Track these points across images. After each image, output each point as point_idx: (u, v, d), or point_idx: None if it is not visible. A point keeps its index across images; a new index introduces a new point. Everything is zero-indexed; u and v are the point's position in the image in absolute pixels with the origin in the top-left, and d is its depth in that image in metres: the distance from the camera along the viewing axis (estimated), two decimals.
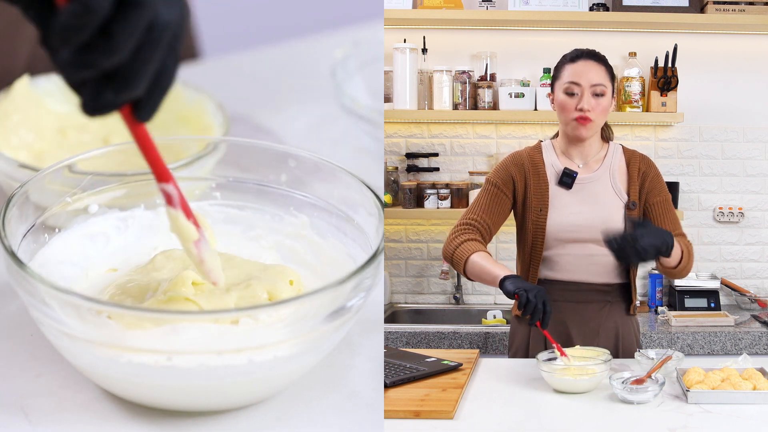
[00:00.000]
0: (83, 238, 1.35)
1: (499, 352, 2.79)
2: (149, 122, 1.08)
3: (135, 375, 1.13)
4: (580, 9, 3.21)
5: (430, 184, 3.27)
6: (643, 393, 1.66)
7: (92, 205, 1.36)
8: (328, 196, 1.40)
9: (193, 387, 1.14)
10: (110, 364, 1.13)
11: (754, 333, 2.84)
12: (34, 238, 1.30)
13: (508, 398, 1.73)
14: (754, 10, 3.14)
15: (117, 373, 1.14)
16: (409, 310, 3.34)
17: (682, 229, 2.13)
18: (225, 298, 1.21)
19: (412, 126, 3.36)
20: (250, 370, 1.13)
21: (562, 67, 2.12)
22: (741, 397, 1.65)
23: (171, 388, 1.14)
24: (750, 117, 3.33)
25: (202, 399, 1.18)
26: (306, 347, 1.16)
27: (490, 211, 2.10)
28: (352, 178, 1.36)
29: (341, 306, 1.16)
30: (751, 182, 3.35)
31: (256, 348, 1.12)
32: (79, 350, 1.13)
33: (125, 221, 1.39)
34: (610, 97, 2.07)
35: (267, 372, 1.15)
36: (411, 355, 1.97)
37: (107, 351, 1.11)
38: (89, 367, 1.16)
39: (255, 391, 1.20)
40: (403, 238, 3.39)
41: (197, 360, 1.11)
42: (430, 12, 3.19)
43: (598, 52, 2.12)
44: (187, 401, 1.18)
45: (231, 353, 1.11)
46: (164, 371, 1.11)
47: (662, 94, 3.18)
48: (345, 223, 1.37)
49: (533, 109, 3.21)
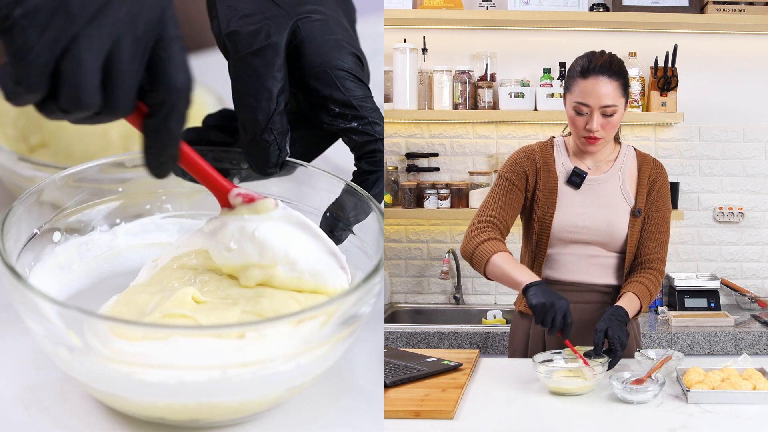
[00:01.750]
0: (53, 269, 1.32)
1: (499, 352, 2.79)
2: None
3: (134, 391, 1.11)
4: (580, 9, 3.21)
5: (430, 184, 3.28)
6: (643, 393, 1.66)
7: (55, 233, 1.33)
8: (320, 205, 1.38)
9: (197, 403, 1.13)
10: (109, 378, 1.11)
11: (754, 333, 2.84)
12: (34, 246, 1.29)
13: (508, 398, 1.73)
14: (754, 10, 3.14)
15: (113, 388, 1.12)
16: (409, 310, 3.34)
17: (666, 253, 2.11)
18: (227, 313, 1.20)
19: (412, 126, 3.36)
20: (256, 384, 1.12)
21: (573, 78, 2.02)
22: (741, 397, 1.65)
23: (174, 404, 1.13)
24: (750, 117, 3.33)
25: (205, 415, 1.17)
26: (315, 358, 1.15)
27: (506, 206, 2.08)
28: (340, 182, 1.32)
29: (352, 315, 1.15)
30: (751, 182, 3.35)
31: (263, 361, 1.11)
32: (76, 363, 1.12)
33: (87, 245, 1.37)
34: (622, 112, 2.02)
35: (273, 385, 1.14)
36: (411, 355, 1.97)
37: (106, 365, 1.10)
38: (86, 380, 1.15)
39: (261, 403, 1.19)
40: (403, 238, 3.39)
41: (203, 375, 1.08)
42: (430, 12, 3.19)
43: (613, 59, 2.02)
44: (190, 416, 1.17)
45: (236, 368, 1.09)
46: (168, 387, 1.09)
47: (662, 94, 3.18)
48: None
49: (533, 109, 3.21)
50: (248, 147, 1.22)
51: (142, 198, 1.40)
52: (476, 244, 2.03)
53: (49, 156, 1.59)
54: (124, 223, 1.38)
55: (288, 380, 1.14)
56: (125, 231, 1.38)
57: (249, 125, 1.21)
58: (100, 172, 1.35)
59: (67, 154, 1.58)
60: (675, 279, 3.20)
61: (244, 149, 1.23)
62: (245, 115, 1.21)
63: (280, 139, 1.21)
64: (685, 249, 3.36)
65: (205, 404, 1.13)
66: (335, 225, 1.26)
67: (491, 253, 1.99)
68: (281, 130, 1.21)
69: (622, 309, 1.94)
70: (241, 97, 1.21)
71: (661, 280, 2.08)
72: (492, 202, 2.09)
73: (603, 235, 2.06)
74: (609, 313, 1.92)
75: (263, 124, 1.20)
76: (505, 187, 2.09)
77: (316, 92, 1.23)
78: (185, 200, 1.41)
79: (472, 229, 2.07)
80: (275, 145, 1.21)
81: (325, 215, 1.27)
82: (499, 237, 2.04)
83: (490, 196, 2.10)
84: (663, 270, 2.08)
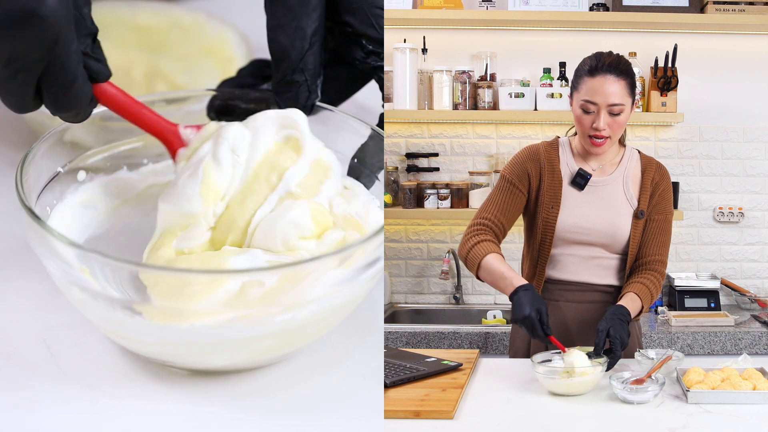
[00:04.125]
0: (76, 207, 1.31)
1: (499, 352, 2.79)
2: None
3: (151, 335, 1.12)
4: (580, 9, 3.21)
5: (430, 184, 3.28)
6: (643, 393, 1.66)
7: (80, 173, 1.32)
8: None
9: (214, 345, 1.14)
10: (128, 323, 1.11)
11: (754, 333, 2.84)
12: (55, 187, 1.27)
13: (508, 398, 1.73)
14: (754, 10, 3.14)
15: (133, 332, 1.13)
16: (409, 310, 3.34)
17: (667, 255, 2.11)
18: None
19: (412, 126, 3.36)
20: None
21: (580, 77, 2.02)
22: (741, 397, 1.65)
23: (194, 345, 1.14)
24: (750, 117, 3.33)
25: (225, 359, 1.18)
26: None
27: (505, 209, 2.08)
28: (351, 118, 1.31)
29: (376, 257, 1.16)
30: (751, 182, 3.35)
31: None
32: (96, 307, 1.12)
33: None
34: (629, 111, 2.02)
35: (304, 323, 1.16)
36: (411, 355, 1.97)
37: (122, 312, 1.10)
38: (104, 323, 1.16)
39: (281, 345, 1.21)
40: (403, 238, 3.39)
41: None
42: (430, 12, 3.19)
43: (621, 59, 2.02)
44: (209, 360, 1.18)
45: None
46: (189, 331, 1.11)
47: (662, 94, 3.18)
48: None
49: (533, 109, 3.21)
50: (278, 86, 1.20)
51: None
52: (470, 246, 2.04)
53: None
54: (152, 163, 1.36)
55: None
56: (152, 171, 1.36)
57: (281, 64, 1.18)
58: None
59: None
60: (675, 279, 3.20)
61: (274, 88, 1.21)
62: (277, 53, 1.19)
63: (311, 81, 1.19)
64: (685, 249, 3.36)
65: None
66: (361, 172, 1.26)
67: (483, 256, 2.01)
68: (313, 72, 1.18)
69: (624, 308, 1.94)
70: (274, 35, 1.19)
71: (662, 281, 2.08)
72: (491, 205, 2.09)
73: (606, 237, 2.06)
74: (611, 312, 1.92)
75: (295, 64, 1.17)
76: (506, 189, 2.09)
77: (351, 28, 1.21)
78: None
79: (468, 231, 2.08)
80: (305, 86, 1.19)
81: (353, 162, 1.25)
82: (492, 239, 2.06)
83: (490, 198, 2.11)
84: (664, 271, 2.08)
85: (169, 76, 1.62)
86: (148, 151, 1.35)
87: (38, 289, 1.29)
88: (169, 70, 1.63)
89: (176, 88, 1.59)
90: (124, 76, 1.58)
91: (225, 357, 1.19)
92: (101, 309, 1.11)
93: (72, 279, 1.11)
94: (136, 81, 1.59)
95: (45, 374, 1.19)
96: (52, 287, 1.24)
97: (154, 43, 1.66)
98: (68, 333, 1.24)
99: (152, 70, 1.59)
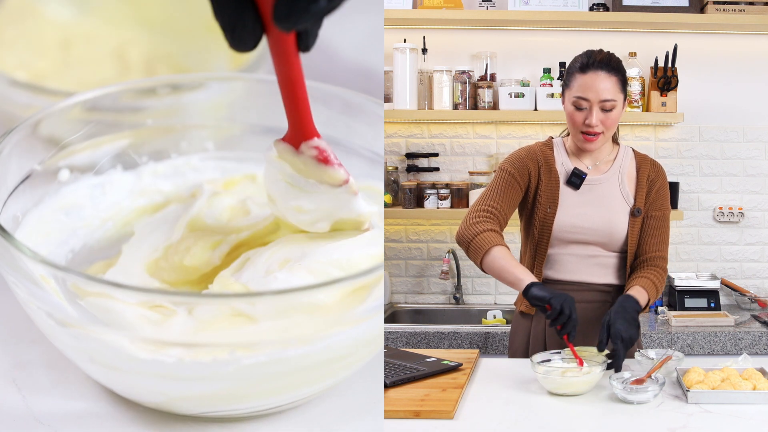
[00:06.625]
0: (57, 212, 1.10)
1: (499, 352, 2.79)
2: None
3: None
4: (580, 9, 3.21)
5: (430, 184, 3.28)
6: (643, 393, 1.66)
7: (63, 171, 1.11)
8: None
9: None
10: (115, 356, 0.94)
11: (754, 333, 2.84)
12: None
13: (508, 398, 1.73)
14: (754, 10, 3.14)
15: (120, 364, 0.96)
16: (409, 310, 3.34)
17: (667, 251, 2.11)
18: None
19: (412, 126, 3.36)
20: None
21: (572, 75, 2.03)
22: (741, 397, 1.65)
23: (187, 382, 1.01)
24: (750, 117, 3.33)
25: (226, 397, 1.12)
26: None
27: (506, 198, 2.06)
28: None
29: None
30: (751, 182, 3.35)
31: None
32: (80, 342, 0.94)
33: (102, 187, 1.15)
34: (621, 108, 2.02)
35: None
36: (411, 355, 1.97)
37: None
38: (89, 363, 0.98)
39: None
40: (403, 238, 3.39)
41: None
42: (430, 12, 3.19)
43: (612, 56, 2.03)
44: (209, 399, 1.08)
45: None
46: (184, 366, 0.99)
47: (662, 94, 3.18)
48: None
49: (533, 109, 3.21)
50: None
51: (170, 133, 1.16)
52: (476, 232, 2.00)
53: (57, 83, 1.33)
54: (152, 162, 1.16)
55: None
56: (153, 171, 1.17)
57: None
58: (118, 100, 1.11)
59: (77, 81, 1.34)
60: (675, 279, 3.20)
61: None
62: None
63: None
64: (685, 249, 3.36)
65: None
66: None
67: (490, 246, 1.97)
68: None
69: (632, 298, 1.93)
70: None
71: (665, 276, 2.07)
72: (493, 193, 2.07)
73: (603, 235, 2.06)
74: (619, 304, 1.91)
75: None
76: (506, 180, 2.08)
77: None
78: (216, 137, 1.19)
79: (471, 216, 2.04)
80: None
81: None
82: (499, 230, 2.03)
83: (491, 187, 2.09)
84: (666, 267, 2.08)
85: (172, 59, 1.42)
86: (144, 148, 1.15)
87: (7, 316, 1.07)
88: (171, 51, 1.42)
89: (180, 72, 1.36)
90: (117, 60, 1.38)
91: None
92: (83, 343, 0.91)
93: (44, 304, 0.89)
94: (132, 66, 1.37)
95: (14, 419, 0.98)
96: (23, 315, 1.02)
97: (152, 18, 1.44)
98: (42, 371, 1.03)
99: (153, 52, 1.40)
